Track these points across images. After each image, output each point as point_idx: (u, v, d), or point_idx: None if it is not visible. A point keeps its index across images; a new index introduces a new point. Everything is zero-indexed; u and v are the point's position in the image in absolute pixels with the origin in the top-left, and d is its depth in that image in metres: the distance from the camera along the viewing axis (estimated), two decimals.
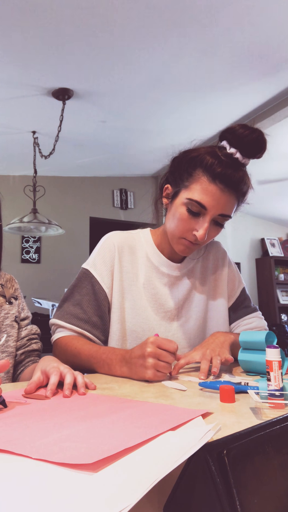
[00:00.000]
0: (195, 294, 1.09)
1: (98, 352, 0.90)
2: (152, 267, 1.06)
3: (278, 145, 3.45)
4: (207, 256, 1.14)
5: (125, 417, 0.52)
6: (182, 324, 1.06)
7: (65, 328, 0.99)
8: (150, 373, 0.77)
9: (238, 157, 0.91)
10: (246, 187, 0.95)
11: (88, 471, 0.36)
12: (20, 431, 0.47)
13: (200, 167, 0.91)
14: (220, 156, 0.91)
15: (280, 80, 2.65)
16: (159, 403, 0.61)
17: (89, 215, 4.58)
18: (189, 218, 0.93)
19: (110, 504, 0.30)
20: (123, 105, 2.94)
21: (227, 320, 1.12)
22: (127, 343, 1.02)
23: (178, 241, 0.97)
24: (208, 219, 0.92)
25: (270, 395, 0.60)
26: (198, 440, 0.38)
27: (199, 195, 0.91)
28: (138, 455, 0.39)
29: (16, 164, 3.95)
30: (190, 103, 2.85)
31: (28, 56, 2.28)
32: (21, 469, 0.37)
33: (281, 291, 5.51)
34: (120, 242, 1.05)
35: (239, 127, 0.90)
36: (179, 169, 0.96)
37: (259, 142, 0.90)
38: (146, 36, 2.16)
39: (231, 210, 0.95)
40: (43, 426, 0.49)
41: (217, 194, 0.90)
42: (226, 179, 0.90)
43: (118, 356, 0.85)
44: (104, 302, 1.01)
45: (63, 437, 0.45)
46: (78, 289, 1.02)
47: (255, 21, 2.06)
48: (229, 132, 0.91)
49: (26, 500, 0.31)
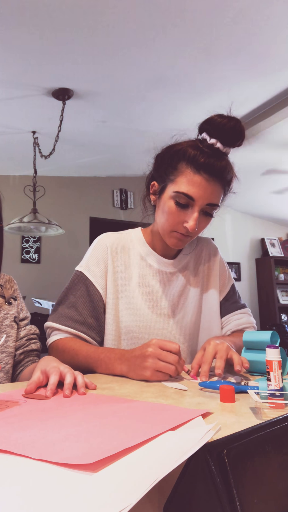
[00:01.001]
0: (189, 289, 1.10)
1: (96, 352, 0.90)
2: (145, 265, 1.07)
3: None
4: (199, 252, 1.15)
5: (125, 417, 0.52)
6: (179, 320, 1.07)
7: (60, 330, 0.99)
8: (149, 372, 0.77)
9: (219, 147, 0.92)
10: (230, 176, 0.97)
11: (88, 471, 0.36)
12: (20, 431, 0.47)
13: (184, 160, 0.93)
14: (202, 148, 0.92)
15: (280, 80, 2.65)
16: (159, 403, 0.61)
17: (89, 215, 4.58)
18: (178, 210, 0.94)
19: (110, 504, 0.30)
20: (123, 105, 2.94)
21: (219, 315, 1.13)
22: (123, 343, 1.02)
23: (170, 234, 0.98)
24: (197, 209, 0.93)
25: (270, 395, 0.60)
26: (198, 440, 0.38)
27: (186, 186, 0.92)
28: (138, 455, 0.39)
29: (16, 164, 3.95)
30: (190, 103, 2.85)
31: (28, 56, 2.28)
32: (20, 469, 0.37)
33: (281, 291, 5.51)
34: (112, 243, 1.06)
35: (217, 117, 0.92)
36: (163, 165, 0.98)
37: (236, 130, 0.91)
38: (146, 36, 2.16)
39: (218, 198, 0.96)
40: (43, 426, 0.49)
41: (202, 184, 0.92)
42: (210, 169, 0.91)
43: (117, 354, 0.86)
44: (99, 303, 1.02)
45: (63, 437, 0.45)
46: (73, 292, 1.03)
47: (255, 21, 2.06)
48: (208, 123, 0.93)
49: (25, 501, 0.31)
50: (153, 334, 1.03)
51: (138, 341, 1.01)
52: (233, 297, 1.17)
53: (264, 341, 0.83)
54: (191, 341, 1.08)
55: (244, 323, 1.13)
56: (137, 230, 1.12)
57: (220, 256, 1.19)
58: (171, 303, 1.07)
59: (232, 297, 1.17)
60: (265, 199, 4.98)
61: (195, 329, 1.10)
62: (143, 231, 1.12)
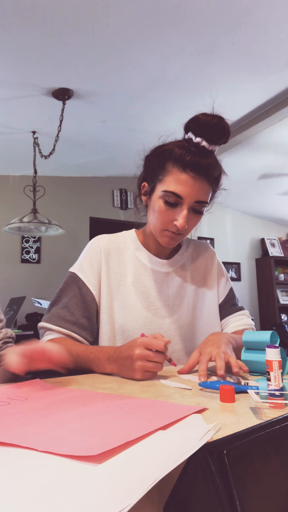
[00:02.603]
0: (185, 290, 1.11)
1: (86, 352, 0.91)
2: (140, 265, 1.08)
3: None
4: (196, 255, 1.16)
5: (125, 413, 0.53)
6: (174, 321, 1.07)
7: (53, 330, 1.00)
8: (139, 375, 0.79)
9: (204, 145, 0.94)
10: (217, 172, 0.98)
11: (92, 463, 0.38)
12: (25, 426, 0.49)
13: (170, 159, 0.95)
14: (187, 147, 0.94)
15: (280, 80, 2.66)
16: (156, 399, 0.61)
17: (89, 215, 4.58)
18: (167, 209, 0.96)
19: (110, 504, 0.30)
20: (123, 105, 2.94)
21: (218, 317, 1.14)
22: (118, 342, 1.03)
23: (162, 233, 1.00)
24: (186, 207, 0.95)
25: (270, 395, 0.60)
26: (198, 440, 0.38)
27: (173, 185, 0.94)
28: (138, 454, 0.39)
29: (16, 164, 3.95)
30: (190, 103, 2.85)
31: (28, 56, 2.28)
32: (25, 462, 0.37)
33: (281, 291, 5.51)
34: (106, 244, 1.08)
35: (201, 115, 0.93)
36: (152, 165, 1.00)
37: (219, 127, 0.92)
38: (146, 36, 2.16)
39: (206, 196, 0.97)
40: (46, 422, 0.50)
41: (189, 182, 0.93)
42: (196, 167, 0.93)
43: (105, 355, 0.87)
44: (92, 304, 1.03)
45: (67, 431, 0.46)
46: (65, 293, 1.04)
47: (255, 21, 2.06)
48: (193, 122, 0.94)
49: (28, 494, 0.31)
50: (148, 334, 1.03)
51: None
52: (231, 300, 1.18)
53: (264, 341, 0.83)
54: (187, 342, 1.09)
55: (243, 325, 1.14)
56: (131, 231, 1.14)
57: (218, 259, 1.20)
58: (166, 303, 1.07)
59: (230, 300, 1.18)
60: (265, 199, 4.98)
61: (191, 329, 1.10)
62: (137, 232, 1.14)
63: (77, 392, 0.68)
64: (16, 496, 0.32)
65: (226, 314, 1.15)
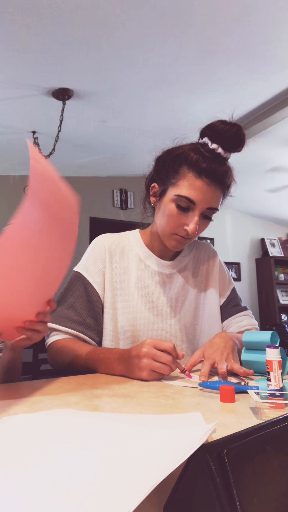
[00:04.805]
0: (188, 291, 1.11)
1: (95, 352, 0.90)
2: (143, 266, 1.07)
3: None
4: (198, 255, 1.16)
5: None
6: (176, 322, 1.07)
7: (60, 331, 0.99)
8: (145, 373, 0.78)
9: (220, 152, 0.93)
10: (230, 180, 0.98)
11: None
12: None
13: (185, 164, 0.94)
14: (203, 152, 0.93)
15: (280, 80, 2.66)
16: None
17: (89, 215, 4.58)
18: (179, 213, 0.95)
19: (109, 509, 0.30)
20: (123, 105, 2.94)
21: (220, 318, 1.14)
22: (120, 343, 1.02)
23: (170, 237, 0.99)
24: (197, 213, 0.94)
25: (270, 395, 0.60)
26: (198, 440, 0.38)
27: (187, 190, 0.93)
28: (138, 455, 0.39)
29: (16, 164, 3.95)
30: (190, 103, 2.85)
31: (28, 56, 2.28)
32: (25, 468, 0.37)
33: (281, 291, 5.51)
34: (110, 244, 1.07)
35: (219, 123, 0.93)
36: (165, 168, 0.99)
37: (238, 136, 0.92)
38: (146, 36, 2.16)
39: (218, 202, 0.97)
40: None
41: (204, 188, 0.93)
42: (212, 174, 0.93)
43: (115, 355, 0.86)
44: (98, 303, 1.02)
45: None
46: (71, 292, 1.03)
47: (255, 21, 2.06)
48: (209, 129, 0.94)
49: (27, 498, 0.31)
50: (150, 334, 1.03)
51: (135, 342, 1.01)
52: (234, 301, 1.17)
53: (264, 341, 0.83)
54: (189, 343, 1.08)
55: (245, 325, 1.13)
56: (135, 232, 1.13)
57: (220, 260, 1.19)
58: (169, 304, 1.07)
59: (233, 301, 1.17)
60: (265, 199, 4.98)
61: (193, 330, 1.10)
62: (141, 232, 1.13)
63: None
64: (17, 498, 0.32)
65: (228, 315, 1.15)
